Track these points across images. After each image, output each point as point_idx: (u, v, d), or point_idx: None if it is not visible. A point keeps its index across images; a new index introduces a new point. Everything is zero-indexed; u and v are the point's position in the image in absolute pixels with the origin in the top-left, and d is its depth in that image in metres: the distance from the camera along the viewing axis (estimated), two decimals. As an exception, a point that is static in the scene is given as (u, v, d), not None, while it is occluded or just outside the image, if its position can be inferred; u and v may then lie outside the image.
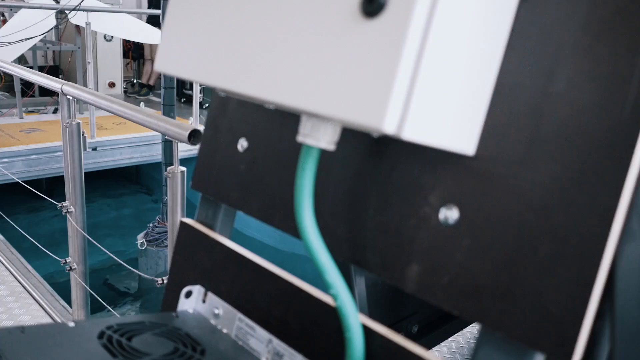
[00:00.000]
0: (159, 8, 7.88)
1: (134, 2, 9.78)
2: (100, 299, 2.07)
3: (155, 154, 5.65)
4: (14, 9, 6.01)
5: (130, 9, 8.45)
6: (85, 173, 5.12)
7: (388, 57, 0.42)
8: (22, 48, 5.55)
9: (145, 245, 4.26)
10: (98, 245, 2.00)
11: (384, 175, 0.60)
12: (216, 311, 0.75)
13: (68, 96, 1.83)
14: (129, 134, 5.46)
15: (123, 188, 6.81)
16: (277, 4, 0.52)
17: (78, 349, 0.61)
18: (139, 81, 9.02)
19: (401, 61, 0.42)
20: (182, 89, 8.00)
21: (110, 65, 7.27)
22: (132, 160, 5.52)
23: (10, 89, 7.37)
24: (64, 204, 1.98)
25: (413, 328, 1.37)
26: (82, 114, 6.51)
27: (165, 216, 4.29)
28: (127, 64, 8.93)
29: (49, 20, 5.56)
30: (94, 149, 5.14)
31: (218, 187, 0.80)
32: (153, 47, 8.31)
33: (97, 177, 5.36)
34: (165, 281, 1.49)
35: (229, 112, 0.79)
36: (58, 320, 2.29)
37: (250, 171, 0.75)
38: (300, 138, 0.57)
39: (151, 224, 4.43)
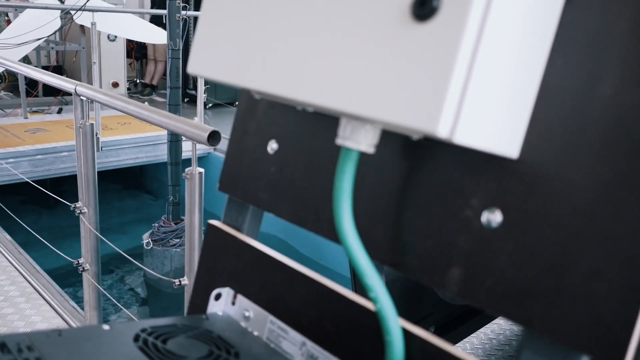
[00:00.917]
0: (162, 8, 7.91)
1: (136, 2, 9.78)
2: (115, 300, 2.07)
3: (160, 154, 5.65)
4: (19, 9, 6.01)
5: (133, 8, 8.45)
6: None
7: (442, 61, 0.42)
8: (28, 48, 5.55)
9: (151, 245, 4.26)
10: (113, 246, 2.00)
11: (423, 178, 0.59)
12: (246, 313, 0.75)
13: (82, 97, 1.83)
14: (133, 134, 5.47)
15: (126, 188, 6.82)
16: (322, 6, 0.52)
17: (115, 352, 0.61)
18: (142, 81, 9.03)
19: (456, 65, 0.42)
20: (186, 88, 8.00)
21: (114, 65, 7.28)
22: (137, 160, 5.52)
23: (14, 89, 7.37)
24: (77, 205, 1.98)
25: (430, 329, 1.37)
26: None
27: (170, 216, 4.29)
28: (130, 63, 8.93)
29: (55, 21, 5.57)
30: (99, 149, 5.14)
31: (246, 190, 0.79)
32: (156, 47, 8.32)
33: (101, 178, 5.36)
34: (182, 283, 1.49)
35: (258, 114, 0.79)
36: (69, 320, 2.29)
37: (280, 173, 0.75)
38: (339, 141, 0.57)
39: (156, 224, 4.43)
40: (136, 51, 8.97)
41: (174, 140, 4.05)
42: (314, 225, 0.70)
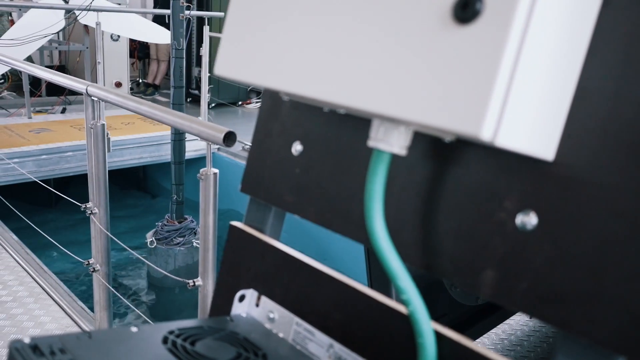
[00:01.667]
0: (164, 7, 7.91)
1: (138, 2, 9.78)
2: (127, 302, 2.07)
3: (164, 153, 5.66)
4: (23, 9, 6.01)
5: (135, 8, 8.45)
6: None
7: (486, 64, 0.42)
8: (32, 48, 5.56)
9: (155, 244, 4.27)
10: (124, 246, 2.00)
11: (454, 180, 0.59)
12: (271, 315, 0.75)
13: (93, 97, 1.83)
14: (137, 134, 5.47)
15: (129, 188, 6.82)
16: (358, 7, 0.52)
17: (146, 354, 0.61)
18: (145, 81, 9.03)
19: (500, 68, 0.42)
20: (188, 88, 8.00)
21: (117, 65, 7.28)
22: (141, 160, 5.52)
23: (16, 89, 7.38)
24: (87, 206, 1.98)
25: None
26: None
27: (174, 215, 4.29)
28: (133, 63, 8.94)
29: (59, 21, 5.57)
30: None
31: (270, 191, 0.79)
32: (159, 47, 8.33)
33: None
34: (196, 283, 1.49)
35: (281, 115, 0.79)
36: (79, 321, 2.29)
37: (305, 175, 0.74)
38: (371, 143, 0.57)
39: (160, 223, 4.43)
40: (139, 51, 8.98)
41: (177, 139, 4.04)
42: (341, 227, 0.70)
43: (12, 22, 7.06)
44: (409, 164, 0.63)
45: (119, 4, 6.53)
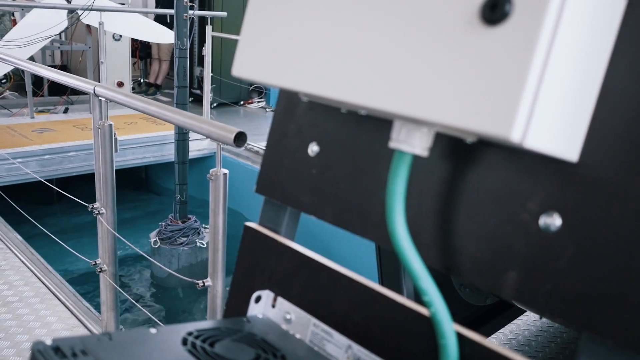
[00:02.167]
0: (166, 7, 7.91)
1: (140, 1, 9.77)
2: (135, 302, 2.07)
3: (167, 153, 5.66)
4: (25, 9, 6.01)
5: (137, 8, 8.45)
6: (94, 174, 5.12)
7: (516, 66, 0.42)
8: (35, 48, 5.56)
9: (159, 244, 4.26)
10: (132, 246, 2.00)
11: (475, 181, 0.59)
12: (287, 316, 0.75)
13: (100, 97, 1.83)
14: (140, 134, 5.47)
15: (131, 187, 6.82)
16: (382, 8, 0.52)
17: (166, 356, 0.61)
18: (146, 80, 9.03)
19: (530, 70, 0.42)
20: (190, 88, 8.00)
21: (119, 65, 7.27)
22: (143, 160, 5.52)
23: (18, 89, 7.38)
24: (94, 206, 1.98)
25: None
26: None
27: (178, 214, 4.29)
28: (134, 63, 8.93)
29: (62, 21, 5.57)
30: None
31: (286, 192, 0.79)
32: (160, 47, 8.33)
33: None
34: (206, 284, 1.49)
35: (297, 116, 0.79)
36: (85, 321, 2.29)
37: (322, 176, 0.74)
38: (393, 144, 0.57)
39: (163, 223, 4.43)
40: (140, 50, 8.98)
41: (181, 139, 4.04)
42: (359, 228, 0.70)
43: (15, 22, 7.06)
44: (428, 165, 0.63)
45: (122, 4, 6.52)
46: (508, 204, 0.56)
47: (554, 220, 0.53)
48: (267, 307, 0.78)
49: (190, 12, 3.79)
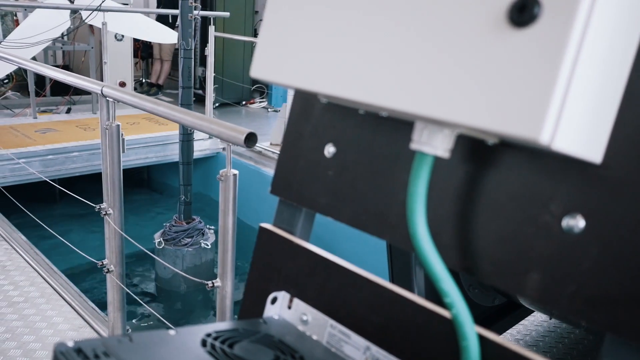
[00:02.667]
0: (168, 7, 7.90)
1: (141, 1, 9.77)
2: (143, 303, 2.07)
3: (170, 153, 5.66)
4: (28, 9, 6.01)
5: (139, 8, 8.45)
6: (97, 174, 5.11)
7: (546, 69, 0.42)
8: (38, 48, 5.56)
9: (163, 245, 4.26)
10: (140, 247, 2.00)
11: (496, 183, 0.59)
12: (304, 317, 0.75)
13: (108, 98, 1.83)
14: (143, 134, 5.47)
15: (134, 188, 6.82)
16: (407, 9, 0.51)
17: (187, 357, 0.61)
18: (148, 80, 9.03)
19: (560, 72, 0.42)
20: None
21: (121, 65, 7.27)
22: (146, 160, 5.52)
23: (20, 89, 7.38)
24: (101, 206, 1.98)
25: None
26: (95, 113, 6.53)
27: (182, 215, 4.29)
28: (136, 63, 8.93)
29: (65, 22, 5.57)
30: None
31: (302, 193, 0.79)
32: (162, 47, 8.32)
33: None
34: (215, 285, 1.49)
35: (313, 117, 0.79)
36: (91, 321, 2.29)
37: (339, 177, 0.74)
38: (414, 146, 0.57)
39: (167, 223, 4.43)
40: (142, 51, 8.97)
41: (186, 140, 4.04)
42: (377, 229, 0.70)
43: (17, 22, 7.06)
44: (447, 166, 0.63)
45: (125, 4, 6.52)
46: (529, 205, 0.56)
47: (577, 222, 0.53)
48: (283, 308, 0.78)
49: (195, 12, 3.79)
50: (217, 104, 7.62)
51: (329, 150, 0.76)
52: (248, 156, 5.66)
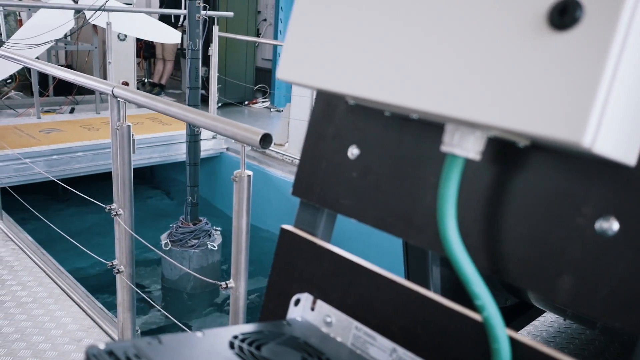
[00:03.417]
0: (170, 7, 7.91)
1: (143, 2, 9.77)
2: (154, 303, 2.07)
3: (174, 154, 5.66)
4: (32, 9, 6.02)
5: (141, 8, 8.45)
6: (105, 174, 5.10)
7: (588, 72, 0.42)
8: (42, 48, 5.56)
9: (170, 246, 4.26)
10: (151, 247, 2.00)
11: (526, 185, 0.59)
12: (328, 319, 0.75)
13: (119, 98, 1.83)
14: (147, 134, 5.47)
15: (136, 188, 6.81)
16: (441, 11, 0.51)
17: (216, 359, 0.61)
18: (150, 80, 9.03)
19: (603, 75, 0.42)
20: (195, 88, 7.98)
21: (124, 65, 7.27)
22: (150, 160, 5.52)
23: (23, 89, 7.38)
24: (112, 207, 1.98)
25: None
26: (99, 114, 6.54)
27: (189, 217, 4.28)
28: (139, 63, 8.93)
29: (69, 21, 5.58)
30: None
31: (324, 195, 0.79)
32: (165, 46, 8.32)
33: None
34: (228, 286, 1.49)
35: (336, 119, 0.79)
36: (100, 322, 2.30)
37: (363, 179, 0.74)
38: (445, 148, 0.57)
39: (174, 225, 4.42)
40: (145, 50, 8.97)
41: (193, 141, 4.04)
42: (402, 231, 0.70)
43: (21, 22, 7.06)
44: (476, 169, 0.63)
45: (129, 4, 6.52)
46: (561, 208, 0.56)
47: (611, 225, 0.53)
48: (305, 310, 0.78)
49: (203, 12, 3.79)
50: (219, 104, 7.62)
51: (353, 152, 0.76)
52: (252, 156, 5.66)
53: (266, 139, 1.27)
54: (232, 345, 0.64)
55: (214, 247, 4.28)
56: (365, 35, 0.58)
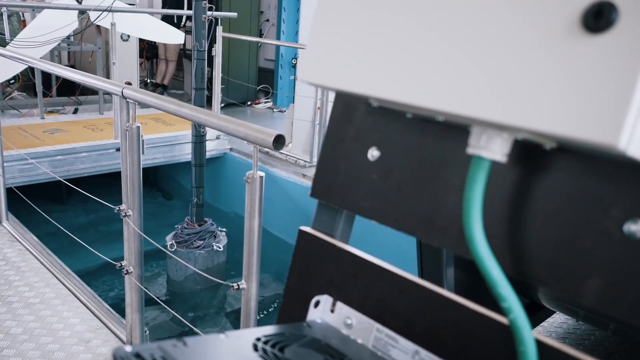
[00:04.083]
0: (173, 8, 7.91)
1: (145, 2, 9.77)
2: (163, 304, 2.07)
3: (178, 154, 5.66)
4: (36, 10, 6.02)
5: (149, 9, 8.46)
6: (106, 174, 5.08)
7: (624, 75, 0.42)
8: (47, 49, 5.56)
9: (175, 247, 4.25)
10: (161, 248, 1.99)
11: (552, 187, 0.59)
12: (348, 321, 0.75)
13: (128, 99, 1.83)
14: (151, 135, 5.47)
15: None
16: (471, 12, 0.51)
17: (242, 362, 0.61)
18: (153, 81, 9.03)
19: (639, 77, 0.41)
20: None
21: (127, 65, 7.26)
22: (154, 160, 5.52)
23: (26, 89, 7.38)
24: (121, 208, 1.98)
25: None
26: (103, 114, 6.54)
27: (194, 217, 4.28)
28: (141, 63, 8.93)
29: (73, 22, 5.58)
30: (118, 149, 5.15)
31: (344, 196, 0.79)
32: (167, 47, 8.32)
33: (114, 178, 5.36)
34: (240, 287, 1.49)
35: (355, 120, 0.78)
36: (108, 322, 2.29)
37: (384, 181, 0.74)
38: (471, 150, 0.57)
39: (179, 226, 4.42)
40: (147, 51, 8.97)
41: (198, 141, 4.04)
42: (424, 233, 0.70)
43: (24, 23, 7.07)
44: (501, 171, 0.63)
45: (131, 4, 6.52)
46: (589, 210, 0.56)
47: None
48: (325, 312, 0.78)
49: (209, 13, 3.79)
50: (222, 105, 7.63)
51: (373, 153, 0.76)
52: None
53: (279, 140, 1.27)
54: (255, 348, 0.64)
55: (220, 248, 4.28)
56: (392, 36, 0.58)
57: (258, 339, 0.67)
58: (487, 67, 0.50)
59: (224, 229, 4.56)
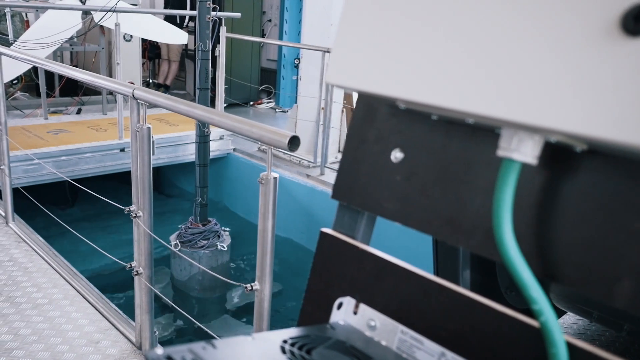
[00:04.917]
0: (175, 8, 7.90)
1: (147, 2, 9.77)
2: (175, 305, 2.06)
3: (181, 154, 5.66)
4: (40, 10, 6.02)
5: (152, 9, 8.46)
6: (109, 177, 5.07)
7: (665, 77, 0.42)
8: (50, 49, 5.56)
9: (179, 247, 4.25)
10: (172, 249, 1.99)
11: (583, 189, 0.59)
12: (372, 323, 0.75)
13: (139, 100, 1.82)
14: (155, 135, 5.46)
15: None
16: (506, 15, 0.51)
17: (271, 364, 0.62)
18: (155, 81, 9.03)
19: (681, 80, 0.42)
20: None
21: (129, 65, 7.26)
22: (157, 161, 5.52)
23: (29, 90, 7.38)
24: (131, 209, 1.98)
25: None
26: (106, 114, 6.54)
27: (198, 217, 4.28)
28: (143, 63, 8.93)
29: (77, 23, 5.58)
30: (122, 150, 5.15)
31: (366, 198, 0.79)
32: (170, 47, 8.32)
33: (121, 179, 5.36)
34: (253, 288, 1.49)
35: (378, 122, 0.78)
36: (116, 323, 2.29)
37: (408, 183, 0.74)
38: (501, 153, 0.57)
39: (183, 225, 4.42)
40: (149, 51, 8.97)
41: (202, 142, 4.04)
42: (449, 235, 0.70)
43: (28, 23, 7.07)
44: (530, 173, 0.63)
45: (134, 5, 6.51)
46: (620, 212, 0.56)
47: None
48: (348, 314, 0.78)
49: (213, 13, 3.79)
50: (225, 105, 7.63)
51: (396, 155, 0.76)
52: (259, 157, 5.66)
53: (294, 141, 1.27)
54: (283, 350, 0.65)
55: (224, 247, 4.28)
56: (423, 37, 0.58)
57: (285, 341, 0.67)
58: (522, 69, 0.50)
59: (228, 229, 4.56)
